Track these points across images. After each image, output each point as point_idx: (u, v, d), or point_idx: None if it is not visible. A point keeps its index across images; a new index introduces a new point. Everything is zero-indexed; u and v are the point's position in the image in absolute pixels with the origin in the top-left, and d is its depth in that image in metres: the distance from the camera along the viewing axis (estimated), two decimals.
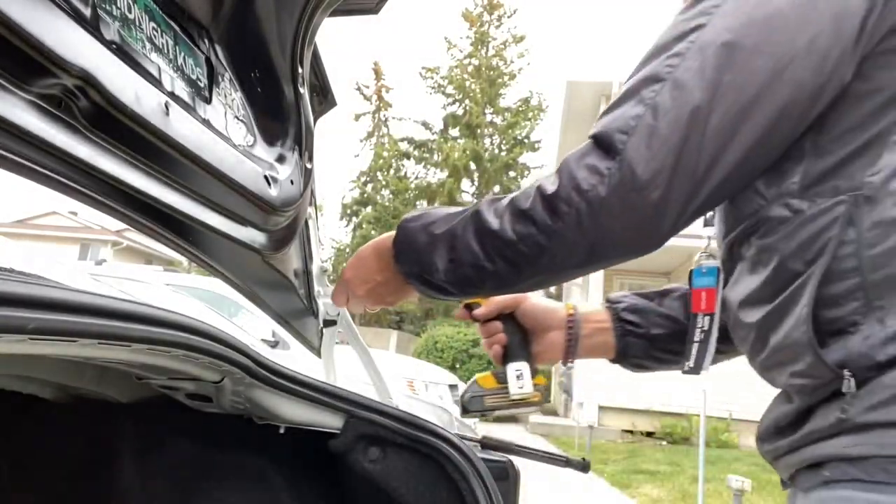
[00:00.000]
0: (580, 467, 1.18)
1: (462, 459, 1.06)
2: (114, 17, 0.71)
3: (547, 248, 0.78)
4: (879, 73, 0.70)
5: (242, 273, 1.06)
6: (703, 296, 0.96)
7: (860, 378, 0.66)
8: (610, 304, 1.13)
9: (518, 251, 0.79)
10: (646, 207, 0.72)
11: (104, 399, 1.22)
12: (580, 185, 0.74)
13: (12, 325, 0.54)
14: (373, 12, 1.30)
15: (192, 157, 0.82)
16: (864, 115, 0.70)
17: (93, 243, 28.66)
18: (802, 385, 0.72)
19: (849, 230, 0.68)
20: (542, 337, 1.12)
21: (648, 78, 0.74)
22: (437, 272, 0.87)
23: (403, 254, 0.91)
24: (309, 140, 1.14)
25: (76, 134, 0.67)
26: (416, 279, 0.91)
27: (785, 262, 0.73)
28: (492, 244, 0.81)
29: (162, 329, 0.77)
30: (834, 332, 0.70)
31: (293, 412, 1.12)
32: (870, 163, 0.69)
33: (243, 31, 1.00)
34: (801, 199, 0.72)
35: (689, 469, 7.84)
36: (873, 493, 0.63)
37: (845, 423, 0.66)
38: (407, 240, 0.91)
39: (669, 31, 0.75)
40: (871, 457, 0.64)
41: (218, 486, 1.28)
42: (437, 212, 0.92)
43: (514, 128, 29.38)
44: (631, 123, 0.72)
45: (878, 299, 0.67)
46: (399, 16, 43.89)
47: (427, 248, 0.87)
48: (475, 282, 0.85)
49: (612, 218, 0.74)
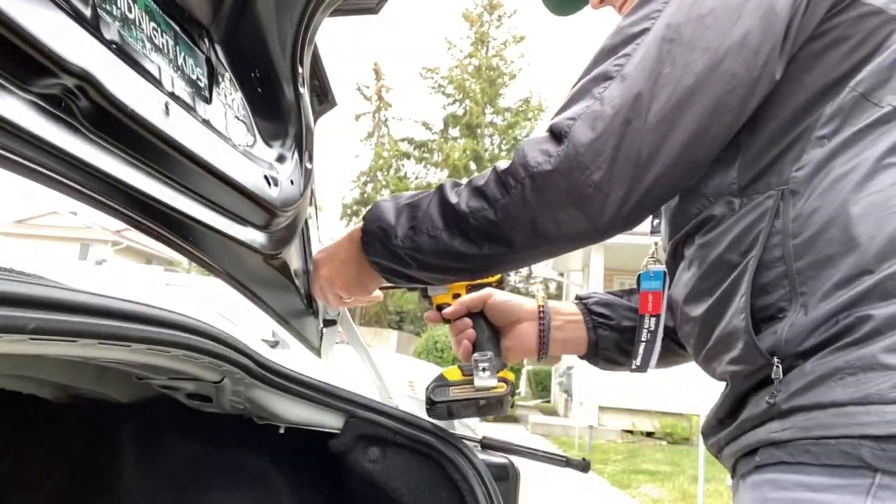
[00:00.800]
0: (580, 467, 1.18)
1: (462, 459, 1.06)
2: (114, 17, 0.71)
3: (494, 222, 0.82)
4: (801, 76, 0.76)
5: (242, 273, 1.06)
6: (649, 298, 1.03)
7: (787, 365, 0.70)
8: (580, 300, 1.17)
9: (470, 225, 0.84)
10: (587, 187, 0.75)
11: (104, 399, 1.22)
12: (528, 163, 0.79)
13: (12, 325, 0.54)
14: (373, 12, 1.30)
15: (192, 157, 0.82)
16: (790, 114, 0.76)
17: (93, 243, 28.66)
18: (736, 372, 0.76)
19: (776, 222, 0.73)
20: (512, 330, 1.14)
21: (598, 77, 0.78)
22: (396, 238, 0.90)
23: (370, 223, 0.95)
24: (309, 140, 1.14)
25: (76, 134, 0.67)
26: (379, 244, 0.93)
27: (723, 255, 0.78)
28: (451, 216, 0.86)
29: (161, 329, 0.77)
30: (766, 318, 0.74)
31: (293, 412, 1.12)
32: (796, 158, 0.74)
33: (243, 31, 1.00)
34: (741, 197, 0.77)
35: (689, 469, 7.84)
36: (798, 475, 0.66)
37: (773, 409, 0.70)
38: (376, 212, 0.95)
39: (616, 36, 0.80)
40: (795, 440, 0.67)
41: (218, 486, 1.28)
42: (408, 192, 0.97)
43: (514, 128, 29.40)
44: (579, 111, 0.77)
45: (801, 286, 0.71)
46: (399, 16, 43.89)
47: (393, 217, 0.92)
48: (430, 251, 0.88)
49: (555, 194, 0.78)
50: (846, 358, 0.65)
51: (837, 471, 0.63)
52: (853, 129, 0.72)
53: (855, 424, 0.63)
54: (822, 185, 0.72)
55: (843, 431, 0.63)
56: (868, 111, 0.72)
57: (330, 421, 1.13)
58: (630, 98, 0.75)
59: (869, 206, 0.68)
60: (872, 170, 0.70)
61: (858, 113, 0.73)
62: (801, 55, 0.76)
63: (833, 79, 0.75)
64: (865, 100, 0.73)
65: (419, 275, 0.93)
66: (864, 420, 0.62)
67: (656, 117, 0.74)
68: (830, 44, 0.75)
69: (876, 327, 0.64)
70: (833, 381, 0.65)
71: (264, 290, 1.14)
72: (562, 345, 1.14)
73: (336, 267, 1.07)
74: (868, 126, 0.72)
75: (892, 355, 0.63)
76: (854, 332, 0.66)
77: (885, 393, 0.62)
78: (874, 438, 0.61)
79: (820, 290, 0.69)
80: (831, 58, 0.75)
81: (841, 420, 0.64)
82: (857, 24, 0.75)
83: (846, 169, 0.71)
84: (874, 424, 0.61)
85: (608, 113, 0.75)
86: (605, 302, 1.14)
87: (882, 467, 0.61)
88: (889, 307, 0.64)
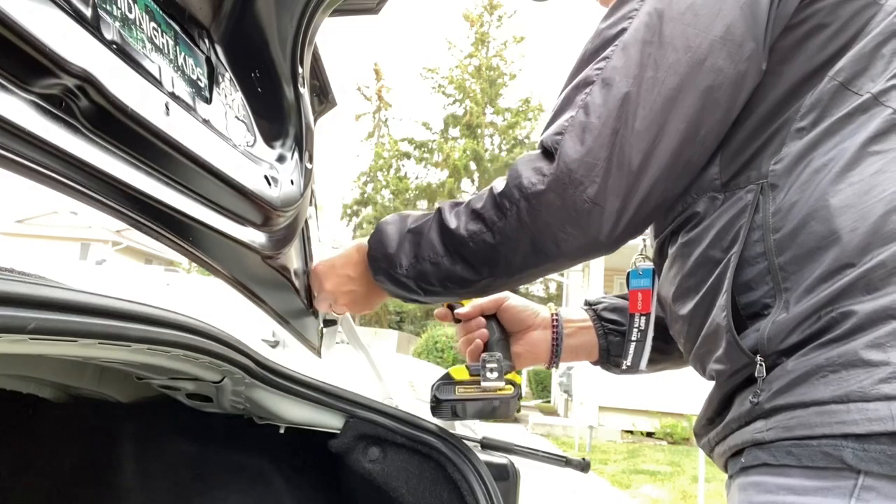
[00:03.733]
0: (580, 467, 1.18)
1: (462, 459, 1.06)
2: (114, 17, 0.71)
3: (493, 245, 0.82)
4: (781, 67, 0.74)
5: (242, 273, 1.06)
6: (639, 297, 1.02)
7: (770, 363, 0.69)
8: (589, 305, 1.15)
9: (470, 249, 0.83)
10: (583, 202, 0.74)
11: (104, 399, 1.22)
12: (522, 183, 0.78)
13: (12, 325, 0.54)
14: (373, 12, 1.29)
15: (192, 157, 0.82)
16: (770, 106, 0.74)
17: (93, 243, 28.65)
18: (721, 370, 0.75)
19: (756, 216, 0.72)
20: (524, 336, 1.12)
21: (580, 84, 0.77)
22: (401, 267, 0.90)
23: (375, 250, 0.94)
24: (309, 140, 1.14)
25: (77, 134, 0.67)
26: (384, 275, 0.93)
27: (705, 251, 0.76)
28: (450, 241, 0.85)
29: (161, 329, 0.77)
30: (751, 316, 0.72)
31: (293, 412, 1.12)
32: (775, 151, 0.73)
33: (243, 31, 1.00)
34: (723, 193, 0.76)
35: (689, 469, 7.84)
36: (781, 477, 0.65)
37: (757, 409, 0.69)
38: (379, 237, 0.94)
39: (594, 40, 0.79)
40: (778, 440, 0.66)
41: (218, 486, 1.28)
42: (413, 213, 0.95)
43: (514, 128, 29.39)
44: (565, 125, 0.76)
45: (784, 282, 0.69)
46: (399, 16, 43.91)
47: (396, 245, 0.91)
48: (434, 278, 0.88)
49: (550, 214, 0.76)
50: (828, 355, 0.64)
51: (820, 473, 0.62)
52: (832, 119, 0.71)
53: (836, 423, 0.62)
54: (801, 177, 0.70)
55: (825, 430, 0.62)
56: (848, 100, 0.70)
57: (330, 421, 1.13)
58: (615, 105, 0.73)
59: (849, 196, 0.67)
60: (852, 160, 0.68)
61: (838, 103, 0.71)
62: (780, 45, 0.74)
63: (812, 68, 0.73)
64: (845, 89, 0.71)
65: (427, 299, 0.93)
66: (845, 418, 0.61)
67: (643, 123, 0.73)
68: (809, 32, 0.73)
69: (858, 323, 0.63)
70: (815, 379, 0.64)
71: (264, 290, 1.14)
72: (573, 352, 1.13)
73: (342, 283, 1.06)
74: (847, 115, 0.70)
75: (875, 351, 0.62)
76: (836, 329, 0.64)
77: (866, 390, 0.61)
78: (856, 437, 0.60)
79: (802, 285, 0.68)
80: (810, 47, 0.73)
81: (823, 419, 0.63)
82: (836, 11, 0.73)
83: (825, 160, 0.69)
84: (856, 423, 0.61)
85: (595, 124, 0.74)
86: (615, 307, 1.13)
87: (864, 468, 0.60)
88: (871, 302, 0.63)
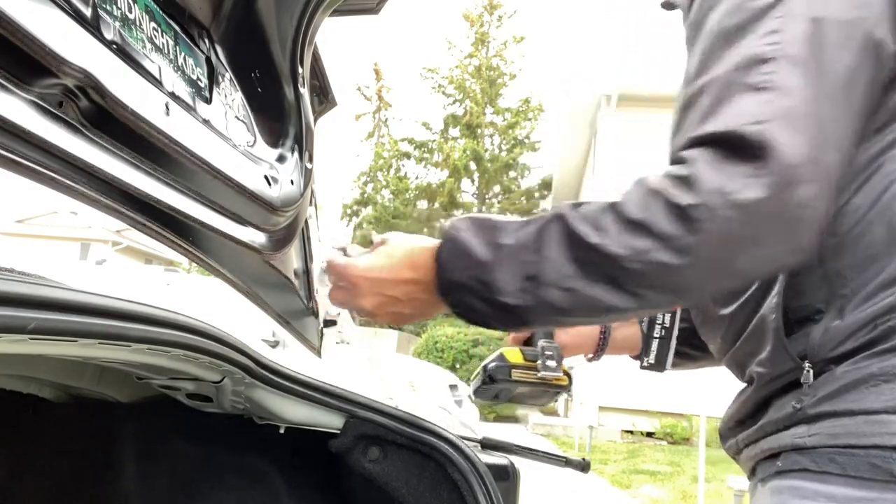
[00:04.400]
0: (580, 467, 1.18)
1: (462, 459, 1.06)
2: (114, 17, 0.71)
3: (675, 266, 0.62)
4: None
5: (242, 273, 1.06)
6: None
7: (817, 369, 0.67)
8: None
9: (627, 271, 0.64)
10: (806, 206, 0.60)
11: (104, 399, 1.22)
12: (725, 190, 0.59)
13: (12, 325, 0.54)
14: (373, 12, 1.30)
15: (192, 156, 0.82)
16: None
17: (93, 243, 28.66)
18: (762, 373, 0.73)
19: None
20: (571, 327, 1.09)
21: (749, 62, 0.63)
22: (504, 293, 0.69)
23: (453, 270, 0.73)
24: (309, 140, 1.14)
25: (76, 134, 0.67)
26: (466, 301, 0.73)
27: None
28: (588, 258, 0.66)
29: (161, 329, 0.77)
30: (800, 320, 0.70)
31: (293, 412, 1.12)
32: None
33: (243, 31, 1.00)
34: None
35: (689, 469, 7.84)
36: (822, 484, 0.64)
37: (799, 414, 0.67)
38: (459, 252, 0.72)
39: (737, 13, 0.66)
40: (822, 447, 0.64)
41: (218, 486, 1.28)
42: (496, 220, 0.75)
43: (514, 128, 29.39)
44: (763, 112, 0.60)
45: (840, 287, 0.67)
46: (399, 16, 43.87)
47: (489, 264, 0.70)
48: (561, 307, 0.68)
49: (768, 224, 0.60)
50: (882, 364, 0.62)
51: (865, 483, 0.61)
52: None
53: (888, 434, 0.60)
54: (870, 180, 0.67)
55: (875, 441, 0.60)
56: None
57: (330, 421, 1.13)
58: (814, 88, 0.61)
59: None
60: None
61: None
62: None
63: None
64: None
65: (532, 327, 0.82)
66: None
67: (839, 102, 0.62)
68: None
69: None
70: (866, 388, 0.62)
71: (264, 290, 1.14)
72: (618, 345, 1.10)
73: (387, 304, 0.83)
74: None
75: None
76: (892, 338, 0.62)
77: None
78: None
79: (860, 292, 0.65)
80: None
81: (872, 428, 0.61)
82: None
83: None
84: None
85: (803, 110, 0.60)
86: None
87: None
88: None
